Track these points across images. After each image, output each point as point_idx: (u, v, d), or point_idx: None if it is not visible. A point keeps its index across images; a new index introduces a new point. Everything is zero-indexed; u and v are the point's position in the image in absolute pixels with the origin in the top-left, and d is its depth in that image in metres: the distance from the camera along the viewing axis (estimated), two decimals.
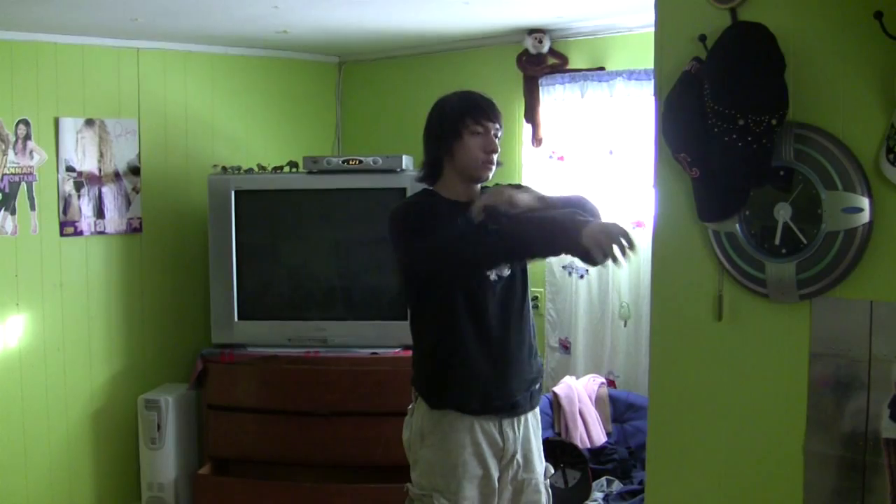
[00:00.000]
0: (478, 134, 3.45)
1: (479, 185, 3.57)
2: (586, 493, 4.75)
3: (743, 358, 2.93)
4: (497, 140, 3.50)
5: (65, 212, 5.52)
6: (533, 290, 3.90)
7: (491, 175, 3.52)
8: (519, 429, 3.52)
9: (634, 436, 5.06)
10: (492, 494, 3.47)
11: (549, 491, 3.67)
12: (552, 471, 3.73)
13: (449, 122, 3.49)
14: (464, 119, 3.45)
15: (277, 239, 5.81)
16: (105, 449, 5.80)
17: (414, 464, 3.52)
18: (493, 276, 3.45)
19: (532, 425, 3.60)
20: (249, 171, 5.74)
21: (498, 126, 3.50)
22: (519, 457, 3.51)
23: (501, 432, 3.47)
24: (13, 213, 5.31)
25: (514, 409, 3.49)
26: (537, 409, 3.65)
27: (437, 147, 3.54)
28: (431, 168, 3.58)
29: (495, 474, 3.46)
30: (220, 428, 5.59)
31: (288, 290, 5.86)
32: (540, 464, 3.62)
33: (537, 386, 3.62)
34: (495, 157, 3.49)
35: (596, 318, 5.43)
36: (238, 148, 6.22)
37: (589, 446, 5.02)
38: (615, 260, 3.00)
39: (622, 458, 5.00)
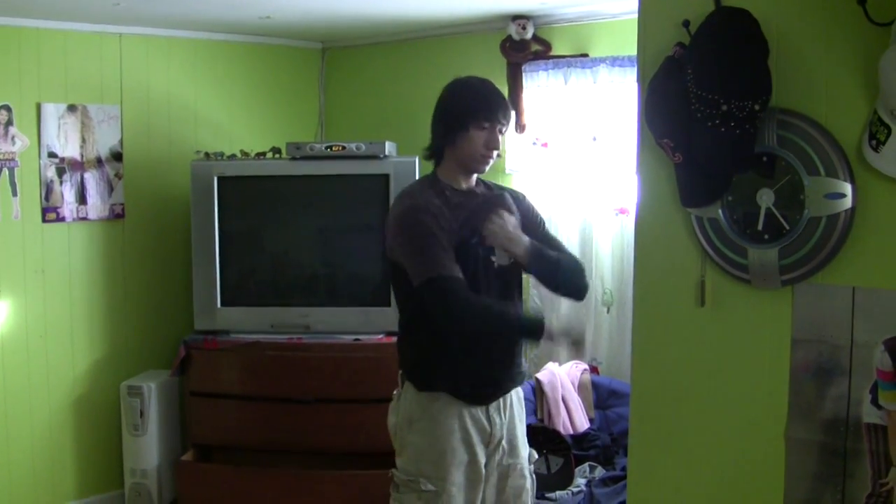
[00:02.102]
0: (483, 129, 3.46)
1: (475, 176, 3.59)
2: (569, 479, 4.76)
3: (725, 344, 2.94)
4: (501, 135, 3.54)
5: (47, 198, 5.49)
6: None
7: (486, 169, 3.55)
8: (505, 414, 3.54)
9: (617, 422, 5.07)
10: (478, 480, 3.48)
11: (533, 476, 3.69)
12: (536, 456, 3.75)
13: (457, 113, 3.49)
14: (474, 114, 3.46)
15: (260, 225, 5.80)
16: (87, 436, 5.78)
17: (400, 449, 3.52)
18: (495, 264, 3.47)
19: (517, 411, 3.62)
20: (232, 157, 5.73)
21: (505, 122, 3.53)
22: (505, 442, 3.53)
23: (489, 418, 3.48)
24: None
25: (501, 391, 3.52)
26: (521, 395, 3.67)
27: (442, 133, 3.54)
28: (434, 150, 3.60)
29: (482, 460, 3.48)
30: (202, 414, 5.58)
31: (271, 277, 5.85)
32: (524, 449, 3.65)
33: (522, 369, 3.65)
34: (495, 153, 3.53)
35: (579, 305, 5.43)
36: (221, 134, 6.20)
37: (571, 432, 5.03)
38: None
39: (605, 444, 5.01)
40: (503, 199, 3.65)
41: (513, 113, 5.47)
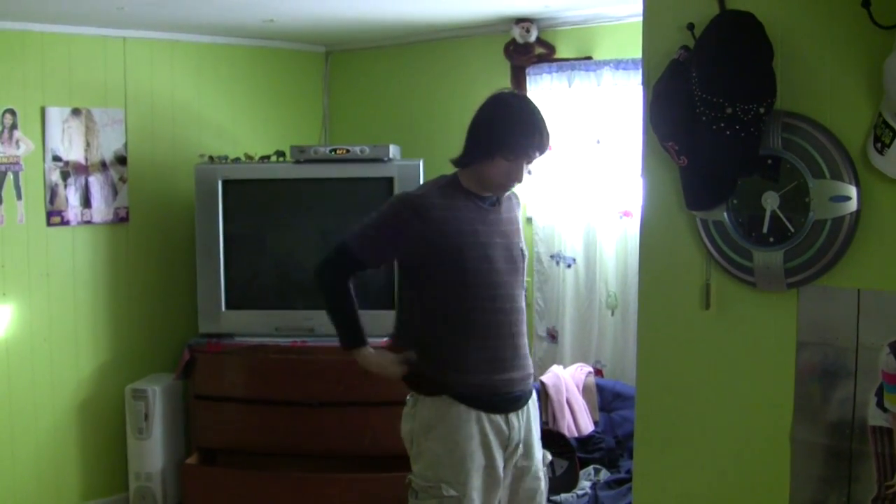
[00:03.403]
0: (510, 160, 3.41)
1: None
2: (573, 482, 4.76)
3: (730, 347, 2.94)
4: (529, 164, 3.49)
5: (51, 201, 5.50)
6: None
7: (502, 194, 3.57)
8: (522, 417, 3.53)
9: (621, 425, 5.06)
10: (495, 485, 3.47)
11: (547, 478, 3.69)
12: (549, 458, 3.74)
13: (490, 138, 3.42)
14: (506, 146, 3.39)
15: (265, 228, 5.81)
16: (92, 439, 5.79)
17: (417, 456, 3.50)
18: (501, 270, 3.46)
19: (532, 413, 3.61)
20: (236, 160, 5.73)
21: (538, 156, 3.49)
22: (521, 445, 3.52)
23: (507, 422, 3.47)
24: (0, 202, 5.29)
25: (518, 401, 3.51)
26: (535, 397, 3.66)
27: (473, 149, 3.48)
28: (464, 161, 3.52)
29: (500, 464, 3.47)
30: (207, 418, 5.59)
31: (275, 280, 5.85)
32: (538, 451, 3.64)
33: (531, 377, 3.63)
34: (515, 185, 3.52)
35: (583, 308, 5.44)
36: (225, 137, 6.20)
37: (576, 435, 5.02)
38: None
39: (609, 447, 5.01)
40: (517, 210, 3.70)
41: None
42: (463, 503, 3.39)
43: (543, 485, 3.65)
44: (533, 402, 3.64)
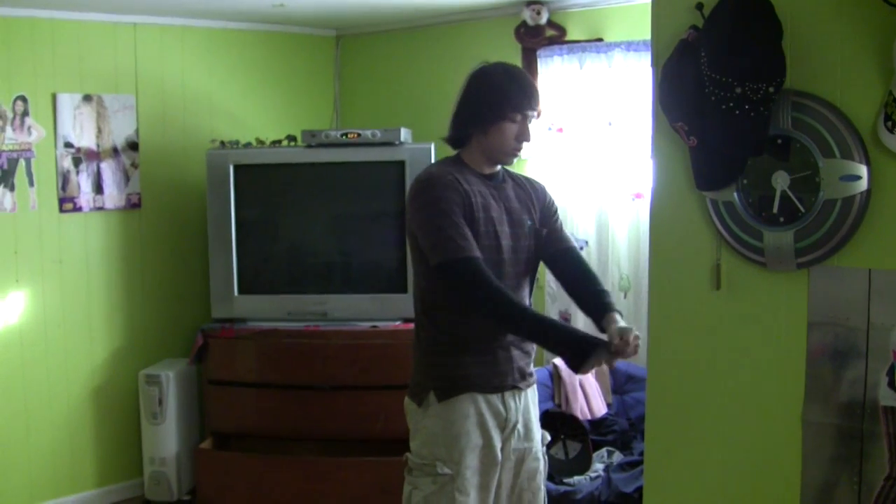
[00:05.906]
0: (516, 121, 3.35)
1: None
2: (587, 465, 4.76)
3: (741, 327, 2.94)
4: (531, 122, 3.40)
5: (63, 188, 5.51)
6: None
7: (514, 161, 3.48)
8: (520, 398, 3.52)
9: (634, 407, 5.07)
10: (492, 465, 3.46)
11: (546, 458, 3.67)
12: (548, 438, 3.73)
13: (491, 102, 3.36)
14: (508, 104, 3.33)
15: (276, 213, 5.81)
16: (107, 424, 5.81)
17: (414, 433, 3.50)
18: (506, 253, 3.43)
19: (531, 394, 3.60)
20: (248, 145, 5.74)
21: (536, 113, 3.45)
22: (520, 426, 3.51)
23: (504, 402, 3.46)
24: (12, 189, 5.30)
25: (522, 380, 3.50)
26: (535, 377, 3.65)
27: (472, 121, 3.41)
28: (459, 138, 3.47)
29: (498, 444, 3.45)
30: (220, 402, 5.60)
31: (287, 264, 5.85)
32: (538, 432, 3.63)
33: (531, 357, 3.61)
34: (525, 145, 3.42)
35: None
36: (236, 122, 6.20)
37: (589, 418, 5.03)
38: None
39: (622, 429, 5.01)
40: (532, 191, 3.62)
41: None
42: (456, 481, 3.39)
43: (542, 465, 3.64)
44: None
